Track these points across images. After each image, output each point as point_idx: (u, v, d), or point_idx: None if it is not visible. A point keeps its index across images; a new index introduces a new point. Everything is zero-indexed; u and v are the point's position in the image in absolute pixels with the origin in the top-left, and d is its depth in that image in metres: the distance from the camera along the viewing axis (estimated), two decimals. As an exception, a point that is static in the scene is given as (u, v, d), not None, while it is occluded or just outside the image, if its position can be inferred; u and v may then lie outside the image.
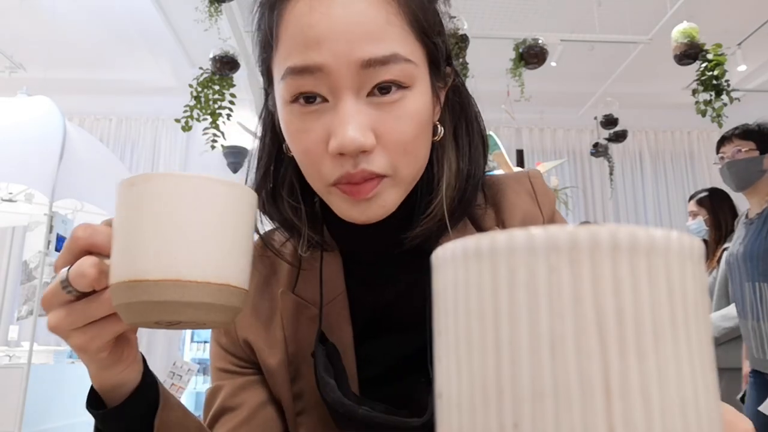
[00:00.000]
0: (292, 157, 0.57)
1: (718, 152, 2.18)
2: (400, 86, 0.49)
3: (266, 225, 0.64)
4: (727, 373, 2.30)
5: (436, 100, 0.56)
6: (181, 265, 0.37)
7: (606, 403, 0.17)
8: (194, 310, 0.38)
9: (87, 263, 0.40)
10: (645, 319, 0.18)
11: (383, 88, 0.49)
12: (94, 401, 0.50)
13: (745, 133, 2.10)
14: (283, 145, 0.58)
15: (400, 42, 0.49)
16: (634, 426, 0.17)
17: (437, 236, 0.58)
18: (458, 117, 0.60)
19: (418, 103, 0.51)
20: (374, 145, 0.49)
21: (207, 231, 0.38)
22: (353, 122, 0.47)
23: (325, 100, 0.49)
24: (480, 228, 0.62)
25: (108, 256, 0.40)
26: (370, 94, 0.49)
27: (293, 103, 0.50)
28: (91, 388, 0.49)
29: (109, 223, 0.42)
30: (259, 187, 0.60)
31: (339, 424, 0.55)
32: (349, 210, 0.52)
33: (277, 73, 0.51)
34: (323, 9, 0.47)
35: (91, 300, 0.41)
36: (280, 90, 0.51)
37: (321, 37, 0.47)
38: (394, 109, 0.49)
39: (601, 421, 0.17)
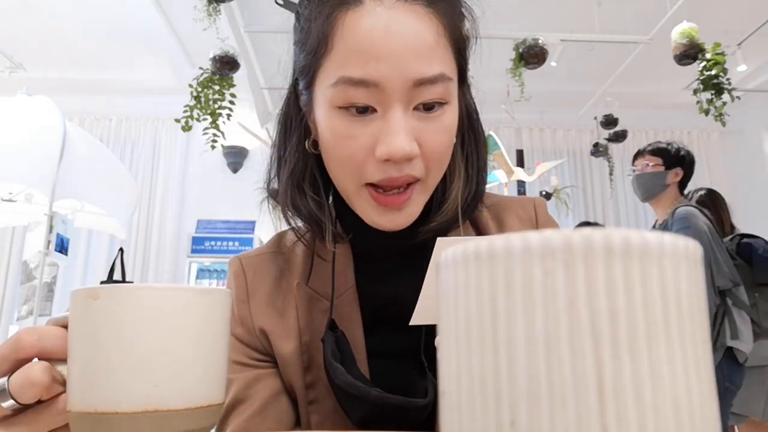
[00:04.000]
0: (315, 154, 0.61)
1: (632, 164, 2.44)
2: (441, 103, 0.54)
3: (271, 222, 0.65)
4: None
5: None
6: (157, 393, 0.33)
7: (599, 402, 0.17)
8: None
9: (37, 369, 0.35)
10: (638, 320, 0.18)
11: (428, 107, 0.53)
12: None
13: (655, 150, 2.37)
14: (306, 143, 0.61)
15: (444, 61, 0.53)
16: (627, 424, 0.17)
17: (446, 232, 0.62)
18: (466, 125, 0.63)
19: (453, 117, 0.56)
20: (418, 154, 0.53)
21: (186, 349, 0.34)
22: (402, 132, 0.51)
23: (374, 110, 0.53)
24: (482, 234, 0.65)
25: (60, 360, 0.36)
26: (415, 108, 0.53)
27: (342, 109, 0.53)
28: None
29: (57, 323, 0.37)
30: (285, 185, 0.62)
31: (348, 409, 0.56)
32: (376, 217, 0.56)
33: (327, 78, 0.53)
34: (383, 26, 0.50)
35: (38, 412, 0.36)
36: (328, 94, 0.53)
37: (381, 55, 0.50)
38: (434, 122, 0.54)
39: (595, 419, 0.17)
